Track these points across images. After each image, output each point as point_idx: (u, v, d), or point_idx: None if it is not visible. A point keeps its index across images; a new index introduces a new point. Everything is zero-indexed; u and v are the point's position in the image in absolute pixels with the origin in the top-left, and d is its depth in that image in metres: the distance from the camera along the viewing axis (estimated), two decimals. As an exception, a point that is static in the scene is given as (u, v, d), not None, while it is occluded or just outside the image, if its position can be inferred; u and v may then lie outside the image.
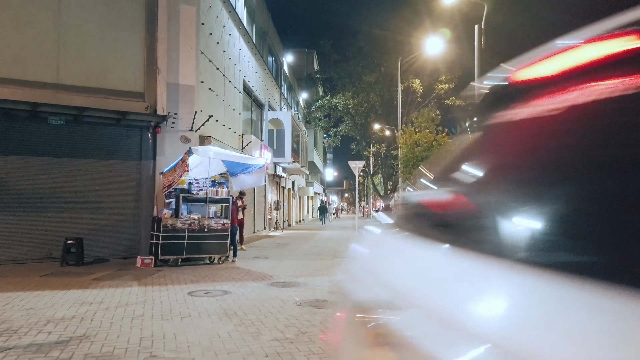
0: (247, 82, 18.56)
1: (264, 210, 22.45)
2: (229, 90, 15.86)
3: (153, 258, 10.24)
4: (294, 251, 14.41)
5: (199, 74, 12.58)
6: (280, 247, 15.60)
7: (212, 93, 13.77)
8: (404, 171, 20.30)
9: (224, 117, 15.05)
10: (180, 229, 10.37)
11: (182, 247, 10.41)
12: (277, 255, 13.20)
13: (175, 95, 11.87)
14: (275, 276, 9.34)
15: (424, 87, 31.70)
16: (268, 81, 23.49)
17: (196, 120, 12.24)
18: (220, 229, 10.96)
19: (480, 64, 12.23)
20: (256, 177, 11.36)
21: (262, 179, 11.43)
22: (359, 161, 12.54)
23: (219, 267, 10.57)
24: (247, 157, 11.45)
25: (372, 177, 41.76)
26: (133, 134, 11.44)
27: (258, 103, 21.61)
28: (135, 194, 11.50)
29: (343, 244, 17.43)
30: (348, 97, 32.92)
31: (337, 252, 14.32)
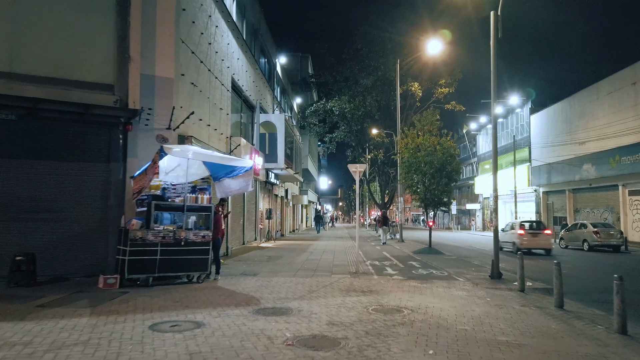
0: (236, 80, 17.11)
1: (254, 219, 20.89)
2: (216, 87, 14.40)
3: (118, 277, 8.66)
4: (286, 266, 12.86)
5: (179, 65, 11.11)
6: (271, 261, 14.05)
7: (195, 89, 12.30)
8: (405, 178, 18.88)
9: (209, 117, 13.57)
10: (151, 243, 8.81)
11: (154, 264, 8.84)
12: (267, 270, 11.65)
13: (150, 88, 10.38)
14: (263, 299, 7.80)
15: (423, 91, 30.45)
16: (260, 82, 22.08)
17: (175, 117, 10.75)
18: (200, 242, 9.41)
19: (496, 55, 10.87)
20: (242, 182, 9.85)
21: (249, 184, 9.93)
22: (360, 164, 11.05)
23: (198, 287, 9.00)
24: (232, 158, 9.95)
25: (368, 185, 40.30)
26: (100, 132, 9.90)
27: (249, 104, 20.16)
28: (102, 201, 9.93)
29: (340, 256, 15.91)
30: (344, 101, 31.56)
31: (335, 266, 12.79)
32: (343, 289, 8.93)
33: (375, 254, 17.21)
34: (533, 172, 38.94)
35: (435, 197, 18.20)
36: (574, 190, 33.69)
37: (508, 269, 12.69)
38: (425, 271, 12.00)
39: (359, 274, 11.25)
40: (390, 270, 12.17)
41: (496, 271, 10.61)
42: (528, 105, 40.03)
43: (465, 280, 10.45)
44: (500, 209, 50.22)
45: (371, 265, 13.40)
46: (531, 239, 19.03)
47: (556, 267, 7.64)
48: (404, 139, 19.42)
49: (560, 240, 25.41)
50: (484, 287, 9.52)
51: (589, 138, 30.75)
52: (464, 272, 11.89)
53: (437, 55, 28.18)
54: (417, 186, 18.33)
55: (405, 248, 20.77)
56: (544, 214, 38.19)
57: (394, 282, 9.90)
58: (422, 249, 19.13)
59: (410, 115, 30.77)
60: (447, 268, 12.78)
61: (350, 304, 7.54)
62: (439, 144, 18.53)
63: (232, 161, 9.55)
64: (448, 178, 17.96)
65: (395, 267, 12.84)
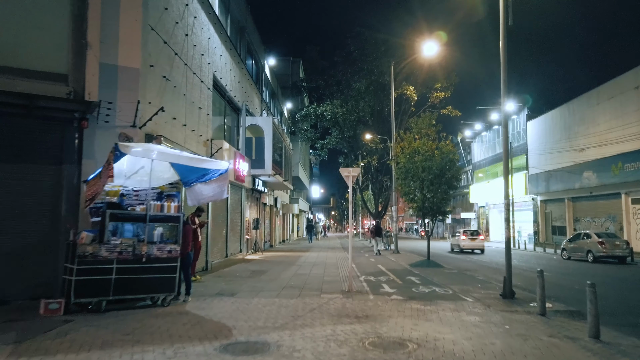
0: (218, 78, 15.78)
1: (240, 230, 19.45)
2: (194, 84, 13.06)
3: (63, 302, 7.20)
4: (270, 282, 11.43)
5: (147, 55, 9.76)
6: (254, 277, 12.61)
7: (167, 83, 10.95)
8: (402, 184, 17.57)
9: (185, 116, 12.21)
10: (105, 259, 7.37)
11: (108, 285, 7.39)
12: (248, 289, 10.22)
13: (111, 79, 9.00)
14: (236, 329, 6.39)
15: (419, 96, 29.33)
16: (246, 83, 20.77)
17: (142, 113, 9.37)
18: (165, 257, 7.99)
19: (506, 46, 9.65)
20: (217, 187, 8.46)
21: (224, 190, 8.54)
22: (353, 168, 9.73)
23: (161, 312, 7.57)
24: (205, 159, 8.54)
25: (361, 193, 38.99)
26: (51, 129, 8.49)
27: (233, 106, 18.82)
28: (52, 210, 8.48)
29: (332, 270, 14.50)
30: (336, 105, 30.33)
31: (326, 283, 11.38)
32: (334, 314, 7.54)
33: (369, 267, 15.83)
34: (530, 180, 37.90)
35: (434, 205, 16.91)
36: (574, 199, 32.64)
37: (499, 280, 11.35)
38: (427, 289, 10.64)
39: (352, 292, 9.86)
40: (388, 287, 10.80)
41: (509, 290, 9.28)
42: (525, 112, 39.12)
43: (474, 300, 9.10)
44: (496, 218, 49.14)
45: (366, 281, 12.02)
46: (470, 242, 27.15)
47: (590, 289, 6.32)
48: (400, 142, 18.16)
49: (563, 251, 24.22)
50: (498, 309, 8.18)
51: (589, 144, 29.76)
52: (471, 290, 10.55)
53: (432, 57, 27.08)
54: (414, 194, 17.03)
55: (401, 260, 19.41)
56: (541, 223, 37.11)
57: (393, 304, 8.52)
58: (420, 262, 17.78)
59: (405, 120, 29.59)
60: (451, 284, 11.43)
61: (342, 335, 6.15)
62: (437, 148, 17.29)
63: (205, 163, 8.16)
64: (448, 185, 16.70)
65: (392, 284, 11.47)
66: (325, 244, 36.01)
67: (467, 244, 26.91)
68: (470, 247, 26.91)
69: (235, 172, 16.61)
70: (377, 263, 17.79)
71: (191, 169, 8.23)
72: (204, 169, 8.24)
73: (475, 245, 26.82)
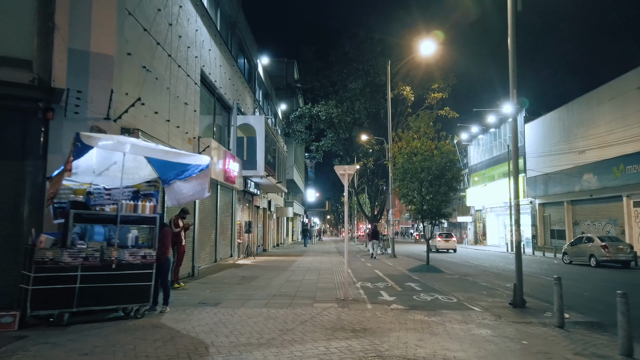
0: (207, 74, 14.94)
1: (230, 233, 18.55)
2: (179, 78, 12.22)
3: (18, 314, 6.31)
4: (259, 290, 10.57)
5: (123, 41, 8.92)
6: (243, 283, 11.74)
7: (148, 74, 10.10)
8: (400, 186, 16.76)
9: (169, 111, 11.36)
10: (67, 266, 6.49)
11: (72, 295, 6.52)
12: (235, 297, 9.35)
13: (82, 67, 8.15)
14: (213, 347, 5.53)
15: (415, 96, 28.61)
16: (238, 81, 19.95)
17: (118, 105, 8.53)
18: (139, 263, 7.12)
19: (514, 34, 8.90)
20: (197, 185, 7.62)
21: (205, 188, 7.69)
22: (349, 166, 8.91)
23: (133, 325, 6.69)
24: (184, 153, 7.64)
25: (357, 196, 38.19)
26: (11, 120, 7.60)
27: (224, 104, 17.99)
28: (13, 211, 7.58)
29: (326, 276, 13.65)
30: (331, 105, 29.55)
31: (320, 290, 10.52)
32: (328, 327, 6.69)
33: (366, 273, 15.00)
34: (529, 183, 37.23)
35: (433, 207, 16.11)
36: (573, 202, 31.99)
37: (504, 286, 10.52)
38: (429, 296, 9.81)
39: (348, 301, 9.02)
40: (387, 295, 9.96)
41: (520, 298, 8.48)
42: (522, 114, 38.52)
43: (482, 310, 8.29)
44: (493, 221, 48.50)
45: (363, 288, 11.18)
46: (445, 243, 32.12)
47: (622, 299, 5.52)
48: (398, 142, 17.37)
49: (564, 255, 23.51)
50: (511, 321, 7.37)
51: (589, 146, 29.15)
52: (476, 298, 9.74)
53: (429, 58, 26.45)
54: (412, 195, 16.22)
55: (399, 265, 18.59)
56: (540, 226, 36.43)
57: (393, 315, 7.68)
58: (419, 267, 16.96)
59: (402, 121, 28.86)
60: (454, 292, 10.61)
61: (336, 353, 5.32)
62: (437, 148, 16.51)
63: (183, 157, 7.29)
64: (448, 186, 15.91)
65: (391, 291, 10.63)
66: (320, 248, 35.14)
67: (442, 244, 31.96)
68: (445, 247, 31.89)
69: (225, 172, 15.77)
70: (373, 268, 16.96)
71: (169, 165, 7.38)
72: (182, 165, 7.39)
73: (449, 246, 31.92)
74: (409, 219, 79.65)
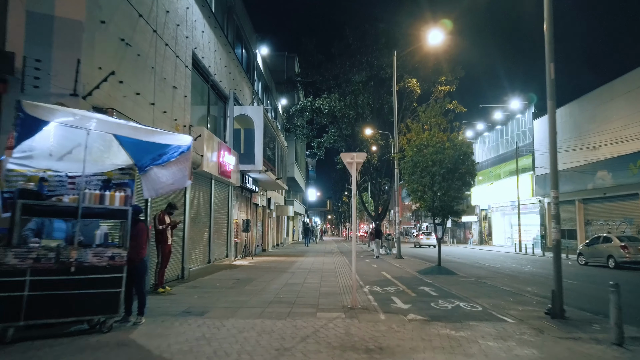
0: (199, 57, 13.69)
1: (226, 232, 17.29)
2: (167, 58, 10.97)
3: (-53, 330, 5.06)
4: (255, 295, 9.31)
5: (95, 7, 7.66)
6: (237, 287, 10.48)
7: (127, 49, 8.85)
8: (409, 181, 15.47)
9: (154, 93, 10.11)
10: (13, 269, 5.24)
11: (19, 305, 5.26)
12: (225, 304, 8.10)
13: (45, 33, 6.91)
14: (190, 375, 4.28)
15: (421, 91, 27.31)
16: (235, 70, 18.70)
17: (88, 80, 7.28)
18: (105, 266, 5.86)
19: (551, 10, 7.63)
20: (177, 172, 6.36)
21: (186, 175, 6.42)
22: (358, 153, 7.64)
23: (95, 342, 5.44)
24: (158, 130, 6.30)
25: (360, 195, 36.93)
26: (-44, 95, 6.38)
27: (219, 93, 16.73)
28: (-42, 202, 6.34)
29: (330, 279, 12.39)
30: (334, 99, 28.27)
31: (323, 296, 9.25)
32: (335, 345, 5.44)
33: (372, 275, 13.75)
34: (537, 181, 35.93)
35: (445, 204, 14.83)
36: (585, 200, 30.71)
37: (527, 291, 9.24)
38: (449, 303, 8.55)
39: (356, 310, 7.76)
40: (400, 302, 8.70)
41: (559, 307, 7.21)
42: (531, 110, 37.27)
43: (516, 321, 7.02)
44: (498, 221, 47.20)
45: (371, 292, 9.93)
46: (426, 240, 37.37)
47: None
48: (407, 134, 16.09)
49: (579, 256, 22.25)
50: (556, 336, 6.10)
51: (602, 142, 27.87)
52: (503, 306, 8.48)
53: (436, 49, 25.25)
54: (423, 191, 14.93)
55: (406, 266, 17.34)
56: (549, 226, 35.05)
57: (413, 328, 6.42)
58: (429, 269, 15.68)
59: (407, 116, 27.59)
60: (476, 298, 9.35)
61: (349, 385, 4.06)
62: (449, 139, 15.24)
63: (159, 136, 6.01)
64: (462, 181, 14.63)
65: (405, 297, 9.37)
66: (321, 248, 33.88)
67: (425, 241, 37.58)
68: (427, 244, 37.01)
69: (220, 166, 14.51)
70: (380, 269, 15.71)
71: (143, 147, 6.11)
72: (159, 146, 6.12)
73: (430, 242, 36.42)
74: (411, 219, 78.38)
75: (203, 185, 14.23)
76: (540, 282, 13.76)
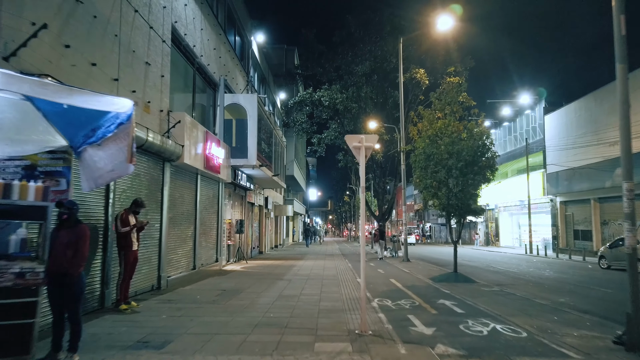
0: (181, 34, 11.94)
1: (216, 233, 15.51)
2: (136, 27, 9.21)
3: None
4: (239, 313, 7.53)
5: (28, -56, 5.91)
6: (219, 302, 8.69)
7: (79, 7, 7.08)
8: (420, 175, 13.66)
9: (117, 67, 8.35)
10: None
11: None
12: (198, 328, 6.32)
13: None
14: None
15: (429, 82, 25.50)
16: (226, 55, 16.94)
17: (15, 36, 5.52)
18: (11, 287, 4.10)
19: None
20: (117, 153, 4.53)
21: (125, 158, 4.62)
22: (367, 135, 5.83)
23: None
24: (80, 90, 4.47)
25: (362, 193, 35.06)
26: None
27: (207, 78, 14.96)
28: None
29: (331, 289, 10.60)
30: (335, 90, 26.49)
31: (323, 315, 7.44)
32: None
33: (380, 283, 11.97)
34: (549, 179, 34.07)
35: (462, 202, 13.04)
36: (601, 199, 28.85)
37: (562, 302, 7.49)
38: (482, 326, 6.76)
39: (366, 337, 5.97)
40: (420, 323, 6.91)
41: (637, 337, 5.42)
42: (542, 105, 35.43)
43: (583, 357, 5.22)
44: (506, 221, 45.35)
45: (382, 308, 8.15)
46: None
47: None
48: (418, 123, 14.29)
49: (601, 258, 20.41)
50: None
51: (622, 137, 26.03)
52: (551, 328, 6.69)
53: (444, 37, 23.52)
54: (437, 188, 13.13)
55: (416, 271, 15.56)
56: (561, 226, 33.27)
57: (447, 370, 4.64)
58: (444, 275, 13.87)
59: (413, 108, 25.81)
60: (511, 316, 7.57)
61: None
62: (466, 128, 13.47)
63: (81, 97, 4.16)
64: (481, 176, 12.84)
65: (424, 315, 7.59)
66: (322, 249, 32.09)
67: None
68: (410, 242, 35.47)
69: (207, 159, 12.76)
70: (388, 276, 13.93)
71: (69, 117, 4.33)
72: (89, 115, 4.32)
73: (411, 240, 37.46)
74: (414, 219, 76.59)
75: (186, 180, 12.47)
76: (571, 290, 12.01)
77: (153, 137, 9.20)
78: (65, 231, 4.79)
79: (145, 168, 9.71)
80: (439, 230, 66.99)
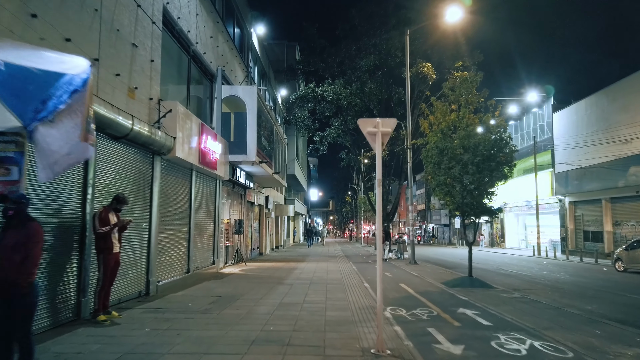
0: (174, 17, 10.99)
1: (213, 233, 14.53)
2: (121, 4, 8.27)
3: None
4: (233, 325, 6.55)
5: None
6: (212, 311, 7.71)
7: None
8: (432, 172, 12.66)
9: (99, 47, 7.41)
10: None
11: None
12: (184, 346, 5.35)
13: None
14: None
15: (436, 77, 24.53)
16: (225, 45, 15.99)
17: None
18: None
19: None
20: (71, 130, 3.51)
21: (79, 136, 3.66)
22: (384, 120, 4.85)
23: None
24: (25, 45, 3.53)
25: (367, 193, 34.19)
26: None
27: (203, 68, 14.01)
28: None
29: (338, 296, 9.61)
30: (338, 85, 25.53)
31: (330, 327, 6.47)
32: None
33: (390, 288, 11.00)
34: (558, 178, 33.06)
35: (478, 201, 12.06)
36: (613, 200, 27.84)
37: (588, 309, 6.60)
38: (518, 343, 5.80)
39: (384, 358, 5.01)
40: (445, 340, 5.94)
41: None
42: (550, 102, 34.44)
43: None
44: (512, 222, 44.29)
45: (396, 319, 7.19)
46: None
47: None
48: (430, 116, 13.31)
49: (617, 261, 19.42)
50: None
51: (636, 134, 25.07)
52: (599, 346, 5.74)
53: (452, 30, 22.62)
54: (450, 185, 12.15)
55: (425, 274, 14.60)
56: (570, 227, 32.22)
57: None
58: (457, 280, 12.88)
59: (419, 105, 24.86)
60: (547, 329, 6.60)
61: None
62: (481, 121, 12.49)
63: (29, 54, 3.22)
64: (499, 172, 11.86)
65: (446, 328, 6.62)
66: (324, 250, 31.11)
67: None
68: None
69: (202, 154, 11.80)
70: (396, 280, 12.96)
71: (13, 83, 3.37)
72: (35, 79, 3.36)
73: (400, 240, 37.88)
74: (417, 219, 75.64)
75: (180, 176, 11.50)
76: (594, 296, 11.05)
77: (140, 127, 8.23)
78: (12, 231, 3.84)
79: (132, 161, 8.75)
80: (442, 231, 65.96)
